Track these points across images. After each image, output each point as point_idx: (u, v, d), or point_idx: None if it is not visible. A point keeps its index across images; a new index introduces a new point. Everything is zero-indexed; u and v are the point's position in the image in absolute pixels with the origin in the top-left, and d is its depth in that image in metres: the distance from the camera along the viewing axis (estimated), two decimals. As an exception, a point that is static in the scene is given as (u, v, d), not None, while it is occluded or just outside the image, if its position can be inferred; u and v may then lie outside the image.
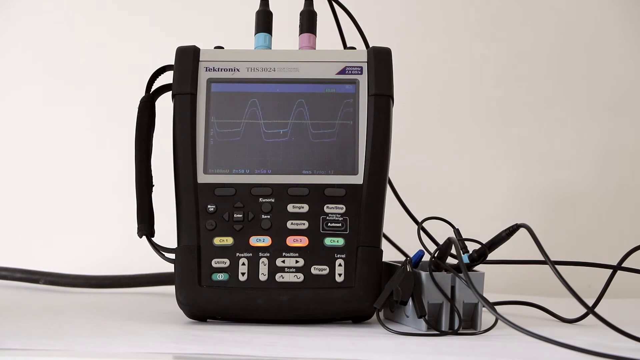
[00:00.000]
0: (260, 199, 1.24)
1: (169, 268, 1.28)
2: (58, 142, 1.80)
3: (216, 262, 1.22)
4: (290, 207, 1.24)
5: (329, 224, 1.23)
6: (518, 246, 1.29)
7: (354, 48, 1.33)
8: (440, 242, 1.22)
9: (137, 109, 1.30)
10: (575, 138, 1.80)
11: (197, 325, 1.21)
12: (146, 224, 1.28)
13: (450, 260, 1.21)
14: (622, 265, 1.32)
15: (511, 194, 1.79)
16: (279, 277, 1.21)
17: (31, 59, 1.81)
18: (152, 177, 1.29)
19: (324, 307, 1.21)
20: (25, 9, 1.80)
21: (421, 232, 1.25)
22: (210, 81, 1.28)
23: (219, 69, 1.29)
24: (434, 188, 1.79)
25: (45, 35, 1.81)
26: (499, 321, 1.14)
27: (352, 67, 1.29)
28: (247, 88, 1.28)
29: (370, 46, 1.31)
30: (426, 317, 1.17)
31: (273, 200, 1.24)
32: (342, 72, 1.29)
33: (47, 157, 1.80)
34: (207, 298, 1.21)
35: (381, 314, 1.19)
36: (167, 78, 1.32)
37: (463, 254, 1.21)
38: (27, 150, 1.80)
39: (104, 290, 1.58)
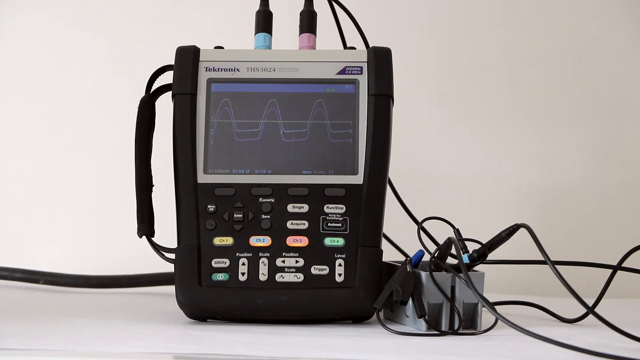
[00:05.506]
0: (260, 199, 1.24)
1: (169, 268, 1.28)
2: (58, 141, 1.80)
3: (216, 262, 1.22)
4: (290, 207, 1.24)
5: (329, 224, 1.23)
6: (518, 246, 1.29)
7: (354, 48, 1.33)
8: (440, 242, 1.22)
9: (137, 109, 1.30)
10: (575, 138, 1.80)
11: (197, 325, 1.21)
12: (146, 224, 1.28)
13: (450, 260, 1.21)
14: (622, 265, 1.32)
15: (511, 194, 1.79)
16: (279, 277, 1.21)
17: (31, 59, 1.81)
18: (152, 177, 1.29)
19: (324, 307, 1.21)
20: (25, 8, 1.80)
21: (421, 232, 1.25)
22: (210, 81, 1.28)
23: (219, 69, 1.29)
24: (434, 188, 1.79)
25: (45, 35, 1.81)
26: (499, 321, 1.14)
27: (352, 67, 1.29)
28: (247, 88, 1.28)
29: (370, 46, 1.31)
30: (426, 317, 1.17)
31: (273, 200, 1.24)
32: (342, 72, 1.29)
33: (47, 157, 1.80)
34: (207, 298, 1.21)
35: (381, 314, 1.19)
36: (167, 78, 1.32)
37: (463, 254, 1.21)
38: (27, 150, 1.80)
39: (104, 290, 1.58)
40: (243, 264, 1.22)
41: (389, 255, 1.32)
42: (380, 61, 1.28)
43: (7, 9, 1.80)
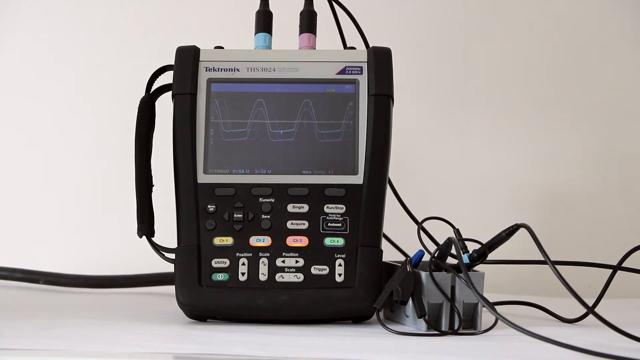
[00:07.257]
0: (260, 199, 1.24)
1: (169, 268, 1.28)
2: (58, 141, 1.80)
3: (216, 262, 1.22)
4: (290, 207, 1.24)
5: (329, 224, 1.23)
6: (518, 246, 1.29)
7: (354, 48, 1.33)
8: (440, 242, 1.22)
9: (137, 109, 1.30)
10: (575, 138, 1.80)
11: (197, 325, 1.21)
12: (146, 224, 1.28)
13: (450, 260, 1.21)
14: (622, 265, 1.32)
15: (511, 194, 1.79)
16: (279, 277, 1.21)
17: (31, 59, 1.81)
18: (152, 177, 1.29)
19: (324, 307, 1.21)
20: (24, 7, 1.80)
21: (421, 232, 1.25)
22: (210, 81, 1.28)
23: (219, 69, 1.29)
24: (434, 188, 1.79)
25: (44, 35, 1.81)
26: (499, 321, 1.14)
27: (352, 67, 1.29)
28: (247, 88, 1.28)
29: (370, 46, 1.31)
30: (426, 317, 1.17)
31: (273, 200, 1.24)
32: (342, 72, 1.29)
33: (47, 157, 1.80)
34: (207, 298, 1.21)
35: (381, 314, 1.19)
36: (167, 78, 1.32)
37: (463, 254, 1.21)
38: (27, 150, 1.80)
39: (104, 290, 1.58)
40: (243, 264, 1.22)
41: (389, 255, 1.31)
42: (380, 61, 1.28)
43: (6, 7, 1.80)
